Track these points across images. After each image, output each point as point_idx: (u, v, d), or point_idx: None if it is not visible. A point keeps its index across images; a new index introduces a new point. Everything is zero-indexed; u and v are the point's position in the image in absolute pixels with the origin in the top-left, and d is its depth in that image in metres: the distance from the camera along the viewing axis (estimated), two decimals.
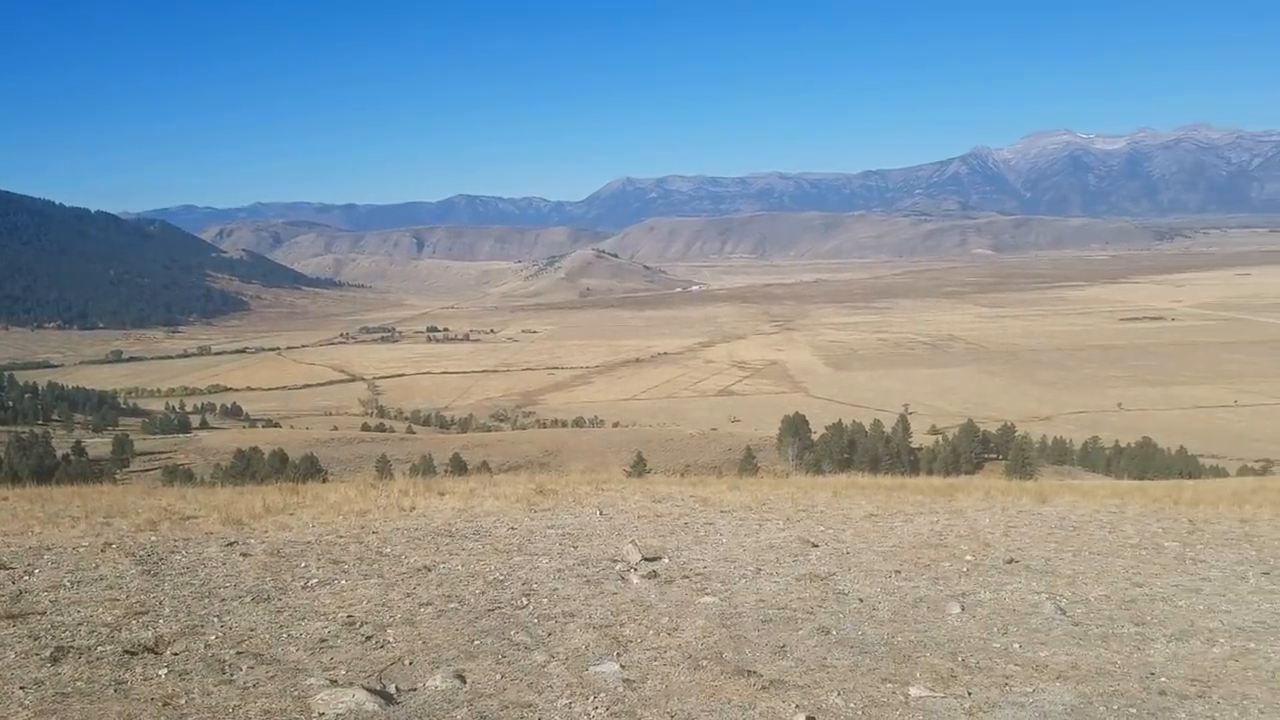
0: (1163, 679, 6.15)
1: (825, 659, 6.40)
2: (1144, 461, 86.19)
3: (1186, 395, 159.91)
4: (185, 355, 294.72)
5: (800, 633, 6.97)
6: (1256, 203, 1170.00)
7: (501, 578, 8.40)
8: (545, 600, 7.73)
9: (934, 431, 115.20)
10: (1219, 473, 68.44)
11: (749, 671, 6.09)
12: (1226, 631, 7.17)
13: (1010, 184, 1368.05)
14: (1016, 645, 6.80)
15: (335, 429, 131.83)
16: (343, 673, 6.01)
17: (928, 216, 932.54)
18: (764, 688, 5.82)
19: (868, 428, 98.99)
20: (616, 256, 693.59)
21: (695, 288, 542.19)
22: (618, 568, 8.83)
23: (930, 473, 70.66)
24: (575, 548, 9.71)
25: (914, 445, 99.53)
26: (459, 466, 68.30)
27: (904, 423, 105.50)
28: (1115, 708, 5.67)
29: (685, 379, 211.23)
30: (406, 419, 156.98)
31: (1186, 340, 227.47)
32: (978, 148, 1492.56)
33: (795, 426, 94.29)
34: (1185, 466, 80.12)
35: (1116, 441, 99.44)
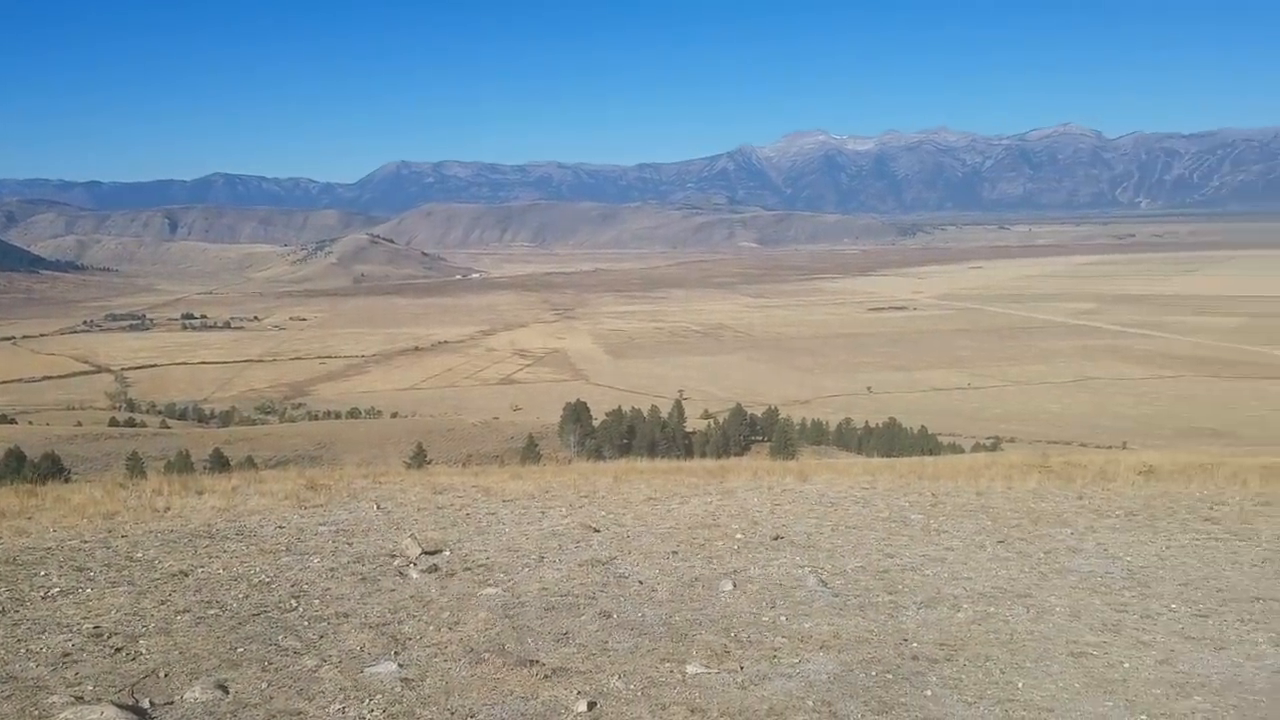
0: (915, 645, 6.65)
1: (607, 643, 6.51)
2: (891, 440, 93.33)
3: (927, 379, 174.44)
4: None
5: (582, 618, 7.04)
6: (988, 202, 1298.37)
7: (268, 580, 7.97)
8: (317, 601, 7.40)
9: (706, 416, 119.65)
10: (956, 450, 75.39)
11: (531, 661, 6.09)
12: (969, 597, 7.83)
13: (773, 181, 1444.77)
14: (784, 618, 7.17)
15: (79, 425, 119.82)
16: (90, 688, 5.55)
17: (698, 210, 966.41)
18: (546, 677, 5.84)
19: (646, 414, 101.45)
20: (393, 242, 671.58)
21: (475, 275, 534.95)
22: (396, 563, 8.58)
23: (704, 455, 73.47)
24: (350, 544, 9.35)
25: (689, 430, 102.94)
26: (220, 463, 63.85)
27: (679, 408, 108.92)
28: (873, 674, 6.09)
29: (467, 367, 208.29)
30: (160, 413, 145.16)
31: (927, 329, 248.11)
32: (743, 145, 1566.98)
33: (577, 414, 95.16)
34: (927, 444, 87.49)
35: (866, 422, 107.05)
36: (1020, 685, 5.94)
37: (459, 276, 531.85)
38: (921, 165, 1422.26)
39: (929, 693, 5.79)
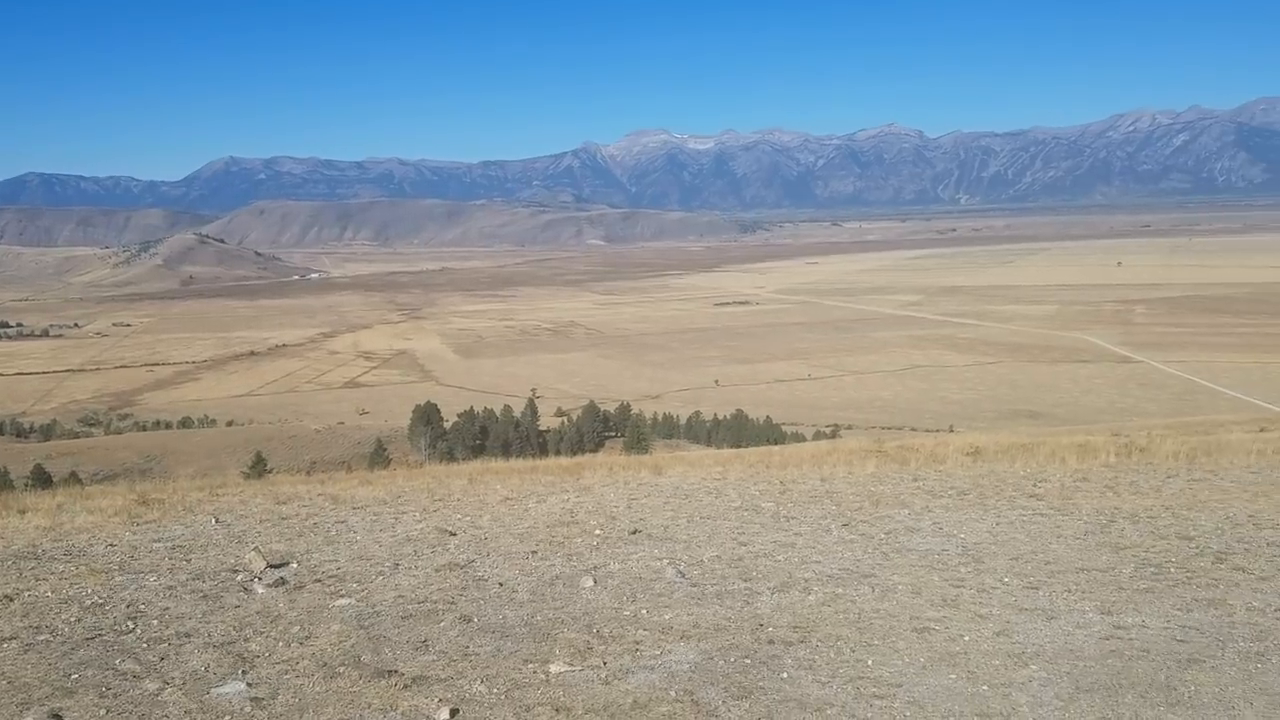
0: (770, 629, 6.87)
1: (468, 648, 6.44)
2: (739, 431, 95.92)
3: (770, 371, 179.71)
4: None
5: (442, 624, 6.94)
6: (821, 199, 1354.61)
7: (101, 601, 7.54)
8: (155, 622, 7.04)
9: (560, 414, 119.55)
10: (799, 438, 78.18)
11: (390, 671, 5.96)
12: (819, 580, 8.14)
13: (618, 179, 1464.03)
14: (644, 611, 7.28)
15: None
16: None
17: (545, 208, 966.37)
18: (406, 686, 5.72)
19: (498, 413, 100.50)
20: (223, 242, 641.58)
21: (314, 275, 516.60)
22: (239, 578, 8.24)
23: (559, 453, 73.41)
24: (188, 561, 8.91)
25: (542, 428, 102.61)
26: (42, 479, 59.29)
27: (532, 407, 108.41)
28: (732, 660, 6.26)
29: (308, 371, 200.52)
30: None
31: (769, 322, 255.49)
32: (587, 143, 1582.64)
33: (427, 415, 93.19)
34: (772, 434, 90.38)
35: (716, 414, 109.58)
36: (870, 662, 6.23)
37: (297, 277, 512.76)
38: (759, 164, 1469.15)
39: (785, 675, 6.00)
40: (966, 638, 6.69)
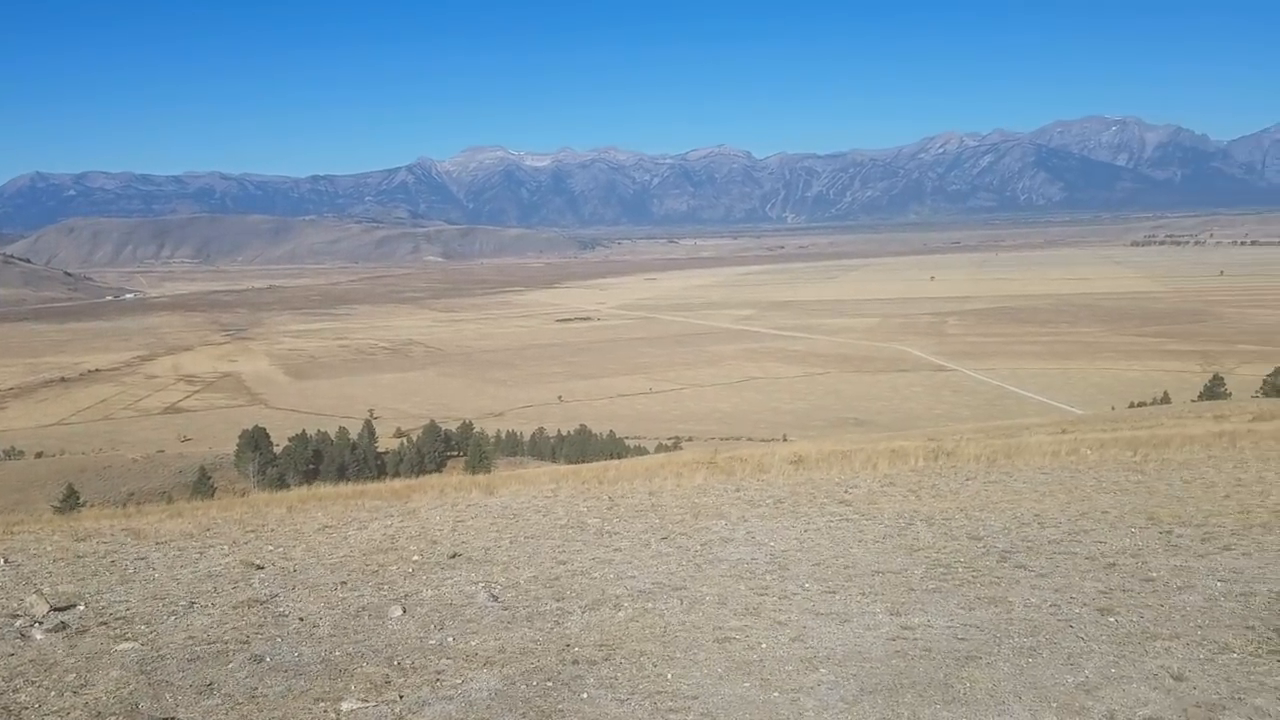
0: (576, 649, 6.86)
1: (256, 690, 6.15)
2: (582, 446, 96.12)
3: (613, 385, 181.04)
4: None
5: (231, 665, 6.61)
6: (657, 216, 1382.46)
7: None
8: None
9: (400, 434, 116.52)
10: (641, 451, 79.08)
11: (167, 719, 5.61)
12: (630, 596, 8.19)
13: (454, 195, 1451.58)
14: (451, 639, 7.14)
15: None
16: None
17: (379, 224, 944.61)
18: None
19: (333, 436, 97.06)
20: (29, 262, 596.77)
21: (129, 296, 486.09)
22: (18, 624, 7.66)
23: (397, 475, 71.37)
24: None
25: (381, 450, 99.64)
26: None
27: (370, 428, 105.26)
28: (534, 684, 6.21)
29: (124, 397, 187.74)
30: None
31: (610, 338, 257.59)
32: (422, 158, 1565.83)
33: (255, 440, 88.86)
34: (614, 448, 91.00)
35: (559, 430, 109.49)
36: (670, 676, 6.31)
37: (110, 298, 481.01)
38: (596, 182, 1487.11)
39: (585, 695, 6.01)
40: (764, 645, 6.87)
